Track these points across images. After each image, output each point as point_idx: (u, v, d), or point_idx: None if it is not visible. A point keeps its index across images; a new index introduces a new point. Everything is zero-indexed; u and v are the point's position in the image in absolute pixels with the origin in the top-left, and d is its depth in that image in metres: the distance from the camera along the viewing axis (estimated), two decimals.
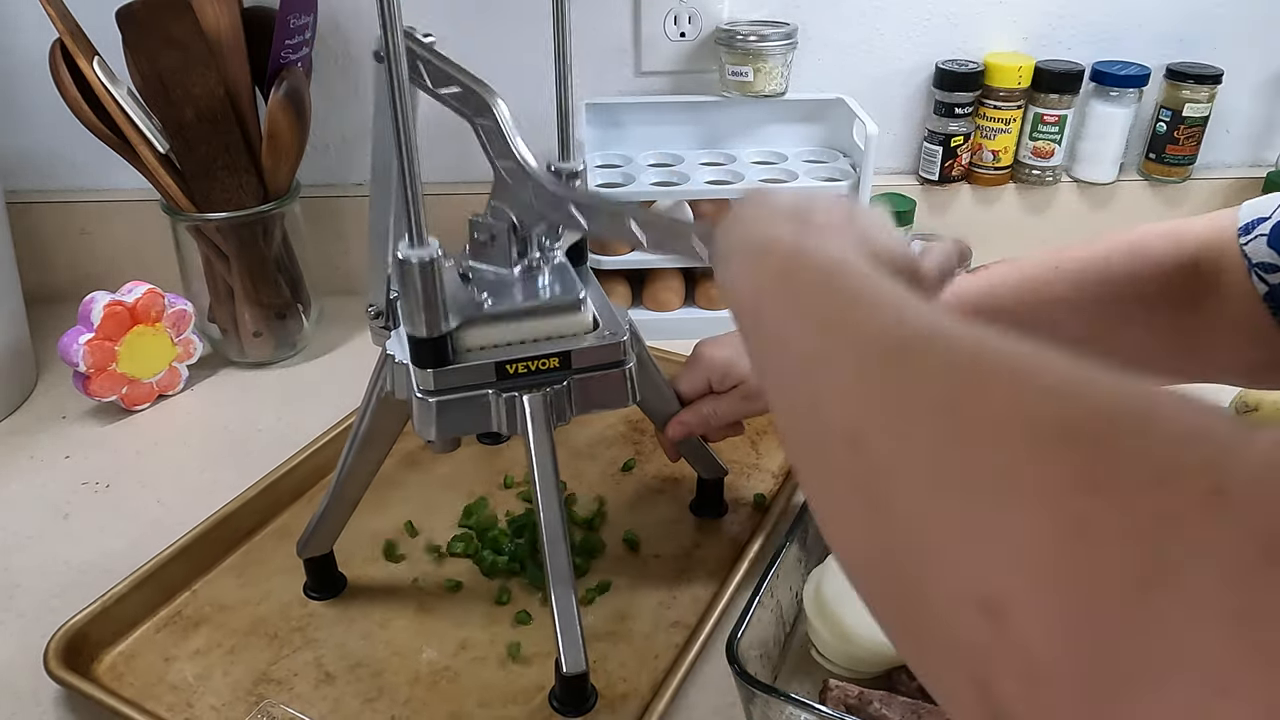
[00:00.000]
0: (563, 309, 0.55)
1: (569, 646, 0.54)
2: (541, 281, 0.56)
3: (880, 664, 0.57)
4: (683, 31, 0.97)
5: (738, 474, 0.77)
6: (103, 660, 0.61)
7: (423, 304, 0.50)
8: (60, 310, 0.92)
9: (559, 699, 0.57)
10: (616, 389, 0.57)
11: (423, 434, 0.54)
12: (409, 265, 0.48)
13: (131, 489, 0.77)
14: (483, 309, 0.53)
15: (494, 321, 0.54)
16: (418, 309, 0.50)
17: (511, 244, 0.55)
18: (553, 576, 0.54)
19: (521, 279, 0.56)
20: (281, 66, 0.83)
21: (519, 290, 0.55)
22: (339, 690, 0.59)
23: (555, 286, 0.56)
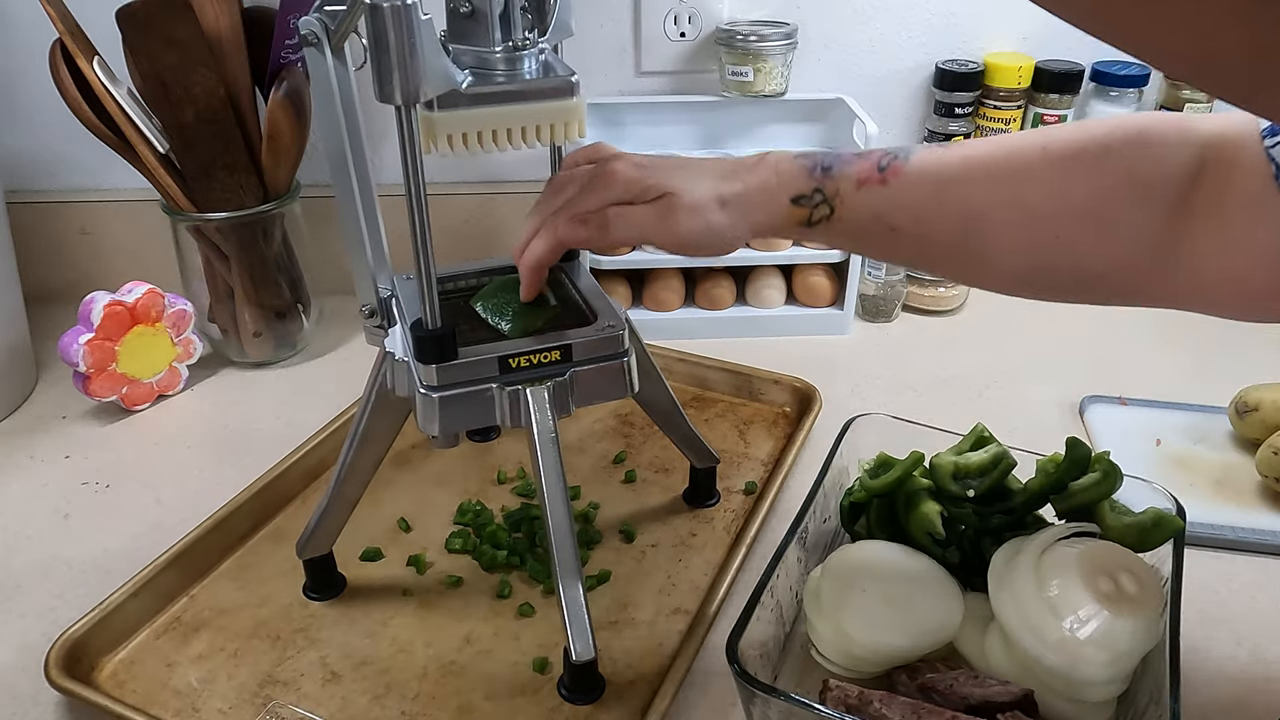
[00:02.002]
0: (552, 92, 0.50)
1: (578, 635, 0.54)
2: (528, 65, 0.51)
3: (880, 664, 0.57)
4: (683, 31, 0.97)
5: (728, 463, 0.78)
6: (103, 668, 0.61)
7: (395, 60, 0.44)
8: (60, 310, 0.92)
9: (568, 687, 0.58)
10: (616, 380, 0.57)
11: (426, 430, 0.54)
12: (379, 10, 0.43)
13: (131, 489, 0.77)
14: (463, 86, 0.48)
15: (476, 102, 0.48)
16: (391, 69, 0.44)
17: (493, 19, 0.49)
18: (560, 567, 0.55)
19: (505, 60, 0.50)
20: (281, 66, 0.83)
21: (503, 73, 0.50)
22: (346, 688, 0.59)
23: (545, 70, 0.51)
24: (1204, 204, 0.49)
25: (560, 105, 0.51)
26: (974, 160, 0.53)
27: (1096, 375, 0.89)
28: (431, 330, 0.52)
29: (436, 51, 0.45)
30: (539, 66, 0.51)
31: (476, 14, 0.49)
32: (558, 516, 0.55)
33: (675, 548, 0.70)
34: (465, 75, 0.48)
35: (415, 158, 0.48)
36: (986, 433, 0.65)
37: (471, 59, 0.50)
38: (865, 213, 0.54)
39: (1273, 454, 0.73)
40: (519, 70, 0.50)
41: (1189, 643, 0.54)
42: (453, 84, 0.47)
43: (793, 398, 0.86)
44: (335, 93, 0.52)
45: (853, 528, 0.66)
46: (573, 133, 0.52)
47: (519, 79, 0.50)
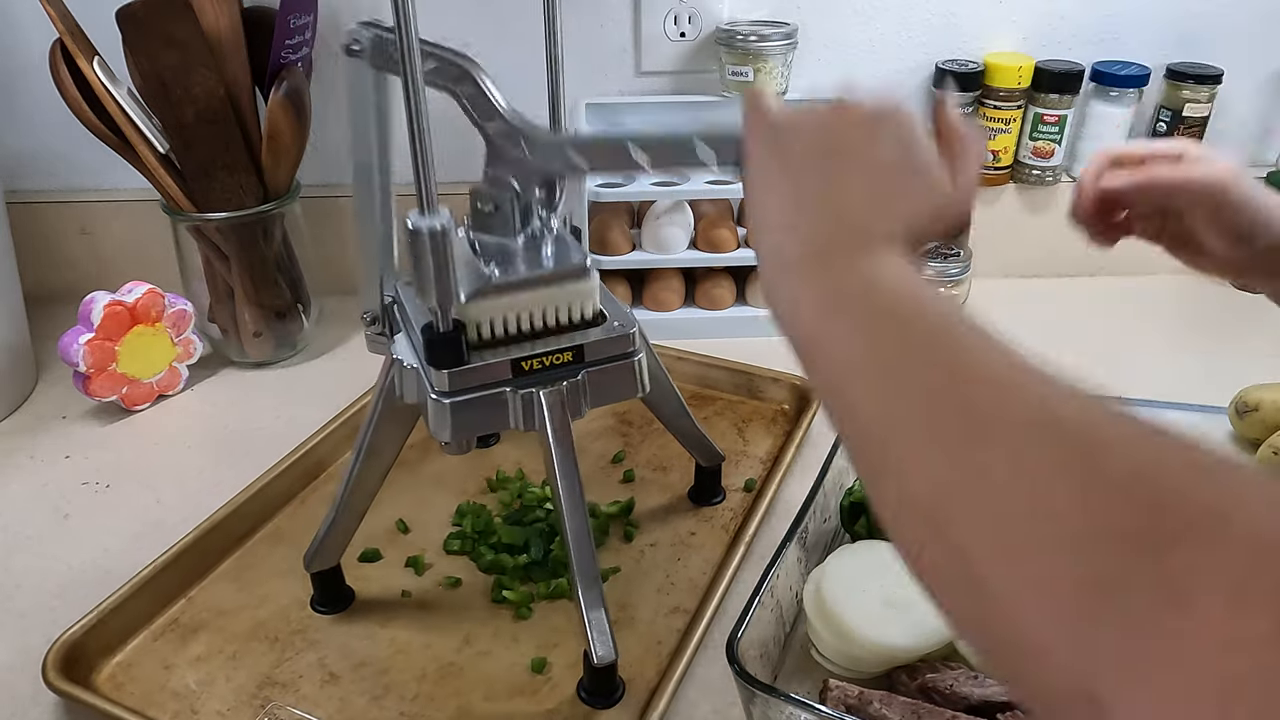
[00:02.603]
0: (570, 276, 0.54)
1: (599, 638, 0.54)
2: (546, 250, 0.55)
3: (880, 664, 0.57)
4: (683, 31, 0.97)
5: (727, 461, 0.78)
6: (101, 671, 0.61)
7: (434, 275, 0.49)
8: (60, 310, 0.92)
9: (588, 690, 0.58)
10: (627, 380, 0.57)
11: (438, 436, 0.54)
12: (420, 235, 0.47)
13: (131, 489, 0.77)
14: (491, 280, 0.53)
15: (503, 292, 0.53)
16: (429, 280, 0.49)
17: (514, 213, 0.54)
18: (578, 571, 0.55)
19: (525, 248, 0.55)
20: (281, 66, 0.83)
21: (524, 260, 0.55)
22: (345, 690, 0.59)
23: (560, 256, 0.55)
24: None
25: (577, 287, 0.55)
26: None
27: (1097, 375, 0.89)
28: (443, 334, 0.52)
29: (467, 258, 0.52)
30: (554, 249, 0.55)
31: (499, 210, 0.54)
32: (574, 520, 0.55)
33: (674, 546, 0.70)
34: (492, 268, 0.53)
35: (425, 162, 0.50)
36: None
37: (495, 248, 0.55)
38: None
39: (1273, 454, 0.73)
40: (538, 256, 0.55)
41: None
42: (482, 282, 0.52)
43: (791, 395, 0.86)
44: (372, 106, 0.53)
45: (853, 528, 0.66)
46: (588, 310, 0.56)
47: (539, 266, 0.54)
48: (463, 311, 0.52)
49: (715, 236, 0.95)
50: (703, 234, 0.96)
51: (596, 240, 0.95)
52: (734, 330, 0.97)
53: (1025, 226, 1.07)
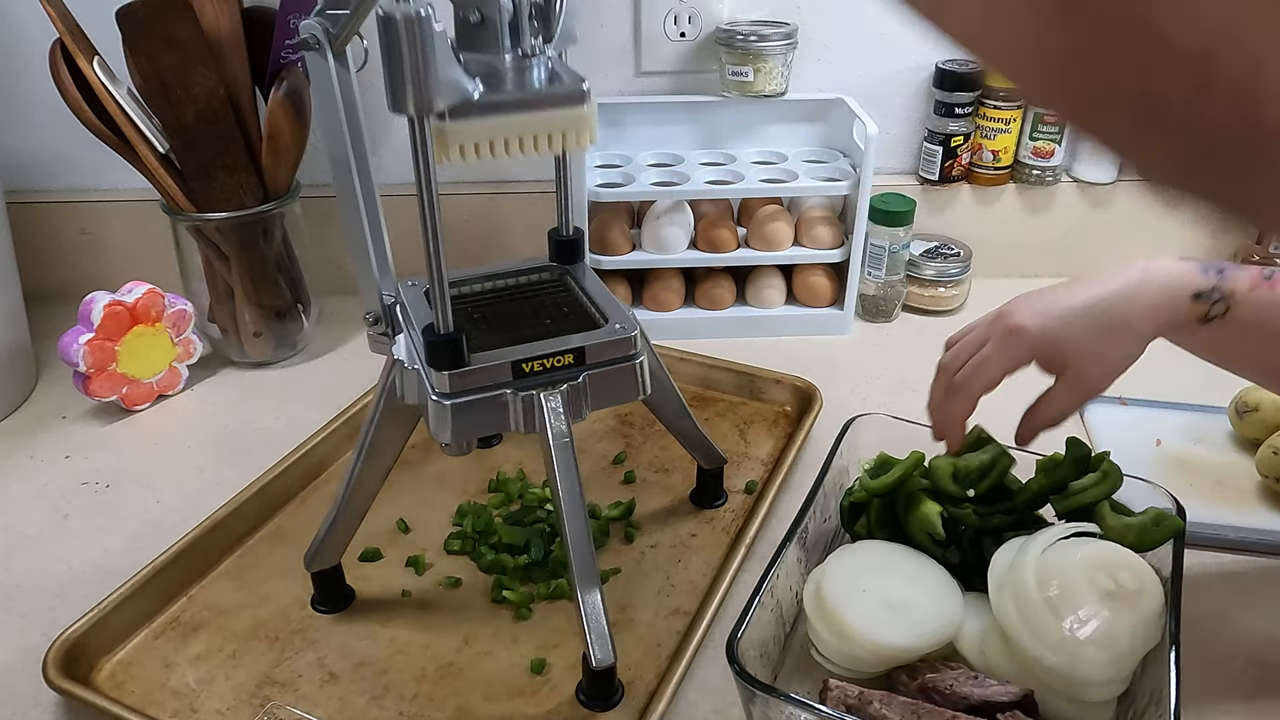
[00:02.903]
0: (565, 99, 0.49)
1: (598, 641, 0.54)
2: (538, 72, 0.50)
3: (880, 664, 0.57)
4: (683, 31, 0.97)
5: (728, 463, 0.78)
6: (102, 669, 0.61)
7: (408, 72, 0.43)
8: (60, 310, 0.92)
9: (587, 693, 0.58)
10: (628, 383, 0.57)
11: (438, 437, 0.54)
12: (393, 22, 0.43)
13: (131, 489, 0.77)
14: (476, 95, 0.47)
15: (489, 111, 0.47)
16: (404, 79, 0.44)
17: (503, 28, 0.48)
18: (578, 574, 0.55)
19: (514, 69, 0.49)
20: (281, 66, 0.83)
21: (513, 80, 0.49)
22: (344, 690, 0.59)
23: (554, 77, 0.50)
24: None
25: (572, 113, 0.50)
26: None
27: None
28: (444, 335, 0.52)
29: (449, 61, 0.45)
30: (547, 74, 0.50)
31: (486, 22, 0.49)
32: (574, 524, 0.55)
33: (674, 548, 0.70)
34: (477, 84, 0.48)
35: (428, 168, 0.47)
36: (985, 433, 0.65)
37: (480, 67, 0.49)
38: (1256, 314, 0.57)
39: (1273, 454, 0.73)
40: (528, 78, 0.49)
41: (1189, 643, 0.54)
42: (465, 94, 0.47)
43: (793, 397, 0.86)
44: (338, 96, 0.52)
45: (853, 528, 0.66)
46: (584, 140, 0.51)
47: (530, 87, 0.49)
48: (442, 132, 0.47)
49: (715, 236, 0.95)
50: (703, 234, 0.96)
51: (596, 240, 0.95)
52: (734, 330, 0.97)
53: (1025, 226, 1.07)
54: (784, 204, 1.00)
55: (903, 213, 0.95)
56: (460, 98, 0.46)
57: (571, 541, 0.55)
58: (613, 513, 0.73)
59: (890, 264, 0.97)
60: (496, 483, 0.76)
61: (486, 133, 0.48)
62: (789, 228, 0.96)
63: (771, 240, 0.95)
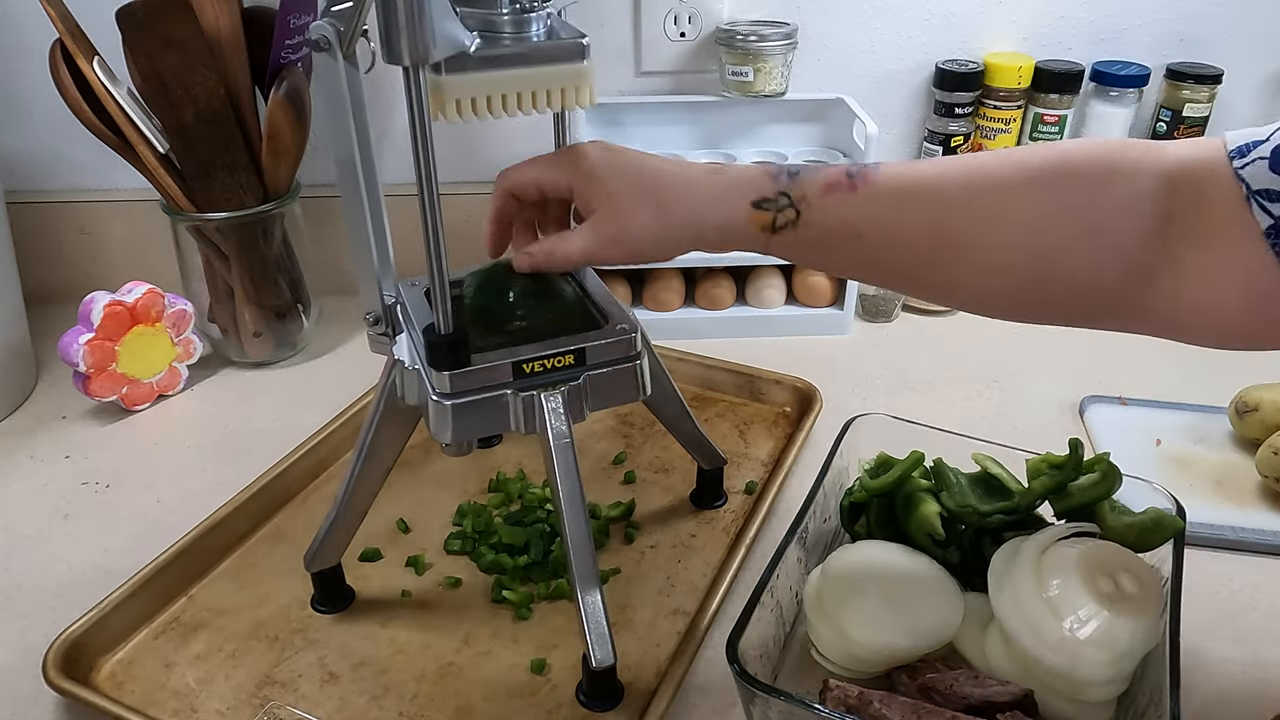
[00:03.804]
0: (564, 55, 0.49)
1: (598, 642, 0.54)
2: (536, 27, 0.49)
3: (880, 664, 0.57)
4: (683, 31, 0.97)
5: (728, 464, 0.78)
6: (102, 669, 0.61)
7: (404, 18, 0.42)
8: (60, 310, 0.92)
9: (587, 694, 0.58)
10: (629, 384, 0.57)
11: (439, 438, 0.54)
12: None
13: (131, 489, 0.77)
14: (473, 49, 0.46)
15: (486, 65, 0.47)
16: (399, 27, 0.43)
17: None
18: (578, 574, 0.54)
19: (513, 22, 0.49)
20: (281, 66, 0.83)
21: (511, 34, 0.48)
22: (344, 690, 0.59)
23: (553, 32, 0.50)
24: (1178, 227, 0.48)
25: (571, 69, 0.49)
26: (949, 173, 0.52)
27: (1096, 375, 0.89)
28: (445, 336, 0.52)
29: (445, 12, 0.44)
30: (546, 29, 0.49)
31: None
32: (575, 524, 0.55)
33: (674, 548, 0.70)
34: (474, 37, 0.47)
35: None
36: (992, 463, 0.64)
37: (478, 21, 0.48)
38: (831, 219, 0.52)
39: (1273, 454, 0.73)
40: (527, 33, 0.48)
41: (1189, 643, 0.54)
42: (461, 46, 0.46)
43: (793, 398, 0.86)
44: (346, 98, 0.52)
45: (853, 528, 0.66)
46: (584, 98, 0.50)
47: (528, 42, 0.48)
48: (438, 86, 0.47)
49: None
50: None
51: None
52: (734, 330, 0.97)
53: None
54: None
55: None
56: (456, 50, 0.45)
57: (572, 542, 0.55)
58: (613, 513, 0.73)
59: None
60: (496, 483, 0.76)
61: (484, 87, 0.47)
62: None
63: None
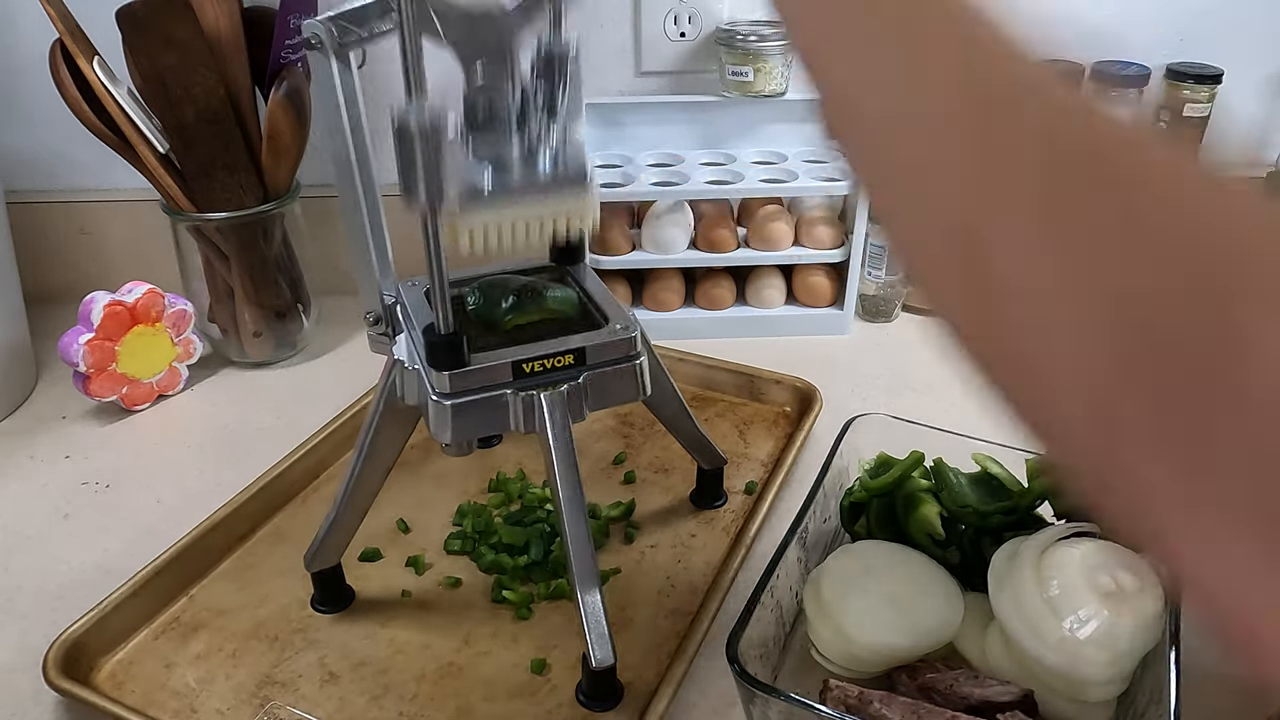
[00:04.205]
0: (568, 186, 0.52)
1: (598, 641, 0.54)
2: (543, 159, 0.52)
3: (880, 664, 0.57)
4: (683, 31, 0.97)
5: (728, 464, 0.78)
6: (102, 669, 0.61)
7: (422, 169, 0.46)
8: (60, 310, 0.92)
9: (586, 694, 0.58)
10: (629, 383, 0.57)
11: (438, 437, 0.54)
12: (407, 123, 0.45)
13: (131, 489, 0.77)
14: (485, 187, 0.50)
15: (497, 201, 0.50)
16: (417, 176, 0.46)
17: (511, 118, 0.52)
18: (578, 574, 0.55)
19: (522, 154, 0.52)
20: (281, 66, 0.83)
21: (520, 169, 0.52)
22: (344, 690, 0.59)
23: (560, 164, 0.52)
24: None
25: (576, 200, 0.52)
26: None
27: None
28: (444, 335, 0.52)
29: (460, 160, 0.48)
30: (553, 158, 0.52)
31: (495, 116, 0.51)
32: (574, 524, 0.55)
33: (675, 549, 0.70)
34: (486, 177, 0.50)
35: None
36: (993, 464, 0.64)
37: (489, 152, 0.52)
38: None
39: None
40: (535, 166, 0.52)
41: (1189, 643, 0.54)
42: (475, 187, 0.49)
43: (793, 398, 0.86)
44: (339, 96, 0.52)
45: (853, 528, 0.66)
46: (586, 225, 0.53)
47: (535, 176, 0.51)
48: (452, 220, 0.50)
49: (715, 236, 0.95)
50: (703, 234, 0.96)
51: (596, 240, 0.95)
52: (734, 330, 0.97)
53: None
54: (784, 204, 1.00)
55: None
56: (471, 191, 0.49)
57: (571, 542, 0.55)
58: (613, 513, 0.73)
59: (890, 264, 0.97)
60: (496, 482, 0.76)
61: (493, 220, 0.51)
62: (789, 228, 0.96)
63: (771, 240, 0.95)
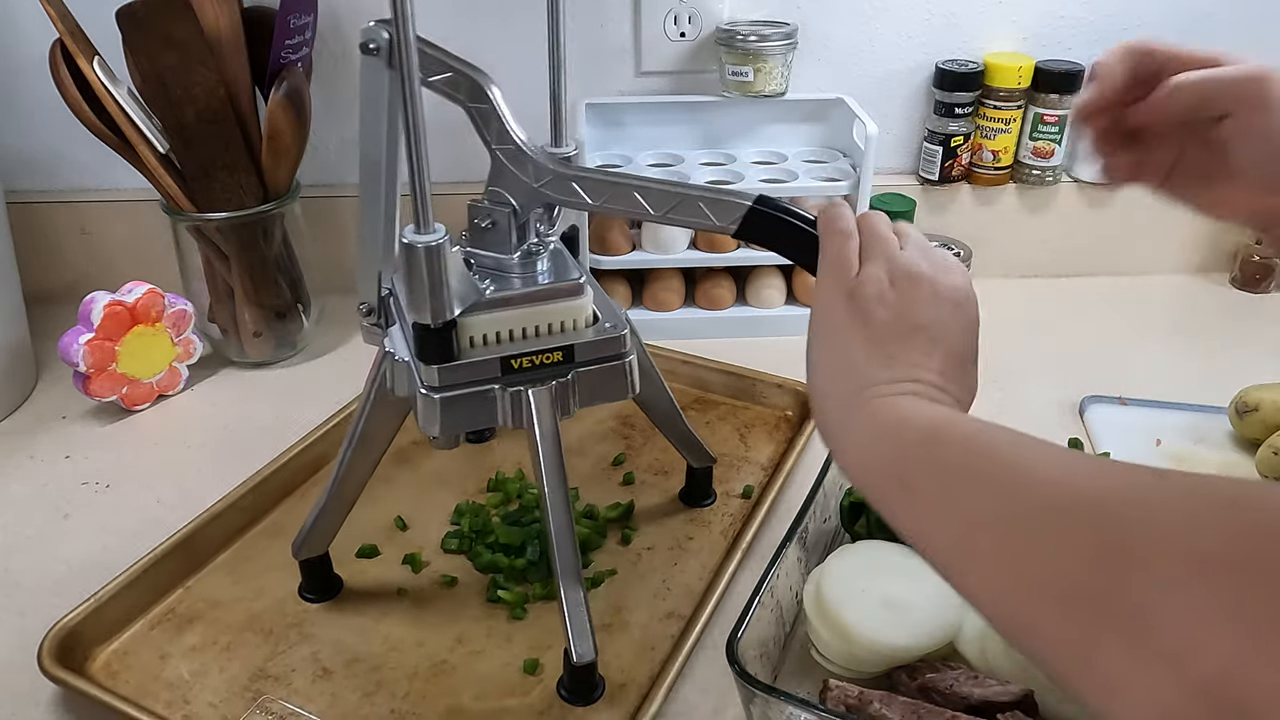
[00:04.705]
0: (564, 294, 0.55)
1: (579, 636, 0.54)
2: (541, 267, 0.56)
3: (880, 664, 0.57)
4: (683, 31, 0.97)
5: (727, 466, 0.78)
6: (97, 659, 0.61)
7: (428, 289, 0.49)
8: (60, 310, 0.92)
9: (567, 688, 0.58)
10: (618, 381, 0.57)
11: (427, 430, 0.54)
12: (415, 250, 0.48)
13: (131, 489, 0.77)
14: (485, 295, 0.53)
15: (496, 308, 0.53)
16: (423, 295, 0.50)
17: (512, 230, 0.55)
18: (560, 569, 0.55)
19: (521, 265, 0.56)
20: (281, 66, 0.83)
21: (519, 276, 0.55)
22: (336, 685, 0.59)
23: (555, 271, 0.56)
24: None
25: (570, 305, 0.55)
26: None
27: (1096, 375, 0.89)
28: (434, 330, 0.52)
29: (461, 274, 0.52)
30: (550, 265, 0.56)
31: (497, 227, 0.55)
32: (558, 518, 0.55)
33: (671, 551, 0.70)
34: (487, 285, 0.54)
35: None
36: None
37: (491, 263, 0.56)
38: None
39: (1273, 454, 0.72)
40: (533, 273, 0.56)
41: None
42: (476, 296, 0.53)
43: (794, 401, 0.85)
44: (385, 104, 0.53)
45: (853, 528, 0.66)
46: (580, 325, 0.56)
47: (533, 282, 0.55)
48: (457, 324, 0.53)
49: (715, 237, 0.95)
50: (703, 234, 0.96)
51: (596, 240, 0.95)
52: (734, 330, 0.97)
53: (1025, 226, 1.06)
54: None
55: (903, 213, 0.95)
56: (472, 302, 0.53)
57: (555, 536, 0.55)
58: (611, 514, 0.73)
59: None
60: (495, 482, 0.76)
61: (493, 325, 0.54)
62: None
63: None
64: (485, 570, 0.68)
